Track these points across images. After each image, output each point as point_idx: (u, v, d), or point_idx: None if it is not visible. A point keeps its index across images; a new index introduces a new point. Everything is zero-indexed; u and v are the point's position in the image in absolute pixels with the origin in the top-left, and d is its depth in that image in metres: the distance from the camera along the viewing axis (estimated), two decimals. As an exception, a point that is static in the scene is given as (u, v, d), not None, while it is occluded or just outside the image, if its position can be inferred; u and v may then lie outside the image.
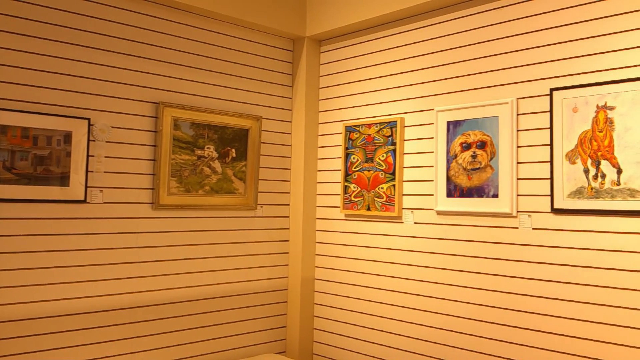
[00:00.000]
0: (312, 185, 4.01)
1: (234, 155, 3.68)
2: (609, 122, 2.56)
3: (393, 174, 3.46)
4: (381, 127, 3.55)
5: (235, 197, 3.69)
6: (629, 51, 2.53)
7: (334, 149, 3.93)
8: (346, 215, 3.81)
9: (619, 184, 2.52)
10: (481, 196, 3.03)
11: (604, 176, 2.57)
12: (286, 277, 4.01)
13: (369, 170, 3.61)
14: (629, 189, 2.49)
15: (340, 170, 3.86)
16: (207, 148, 3.54)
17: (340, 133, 3.88)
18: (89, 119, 3.05)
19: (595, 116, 2.61)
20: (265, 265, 3.89)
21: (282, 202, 4.00)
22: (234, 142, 3.68)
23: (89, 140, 3.05)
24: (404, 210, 3.44)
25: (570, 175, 2.69)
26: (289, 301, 3.99)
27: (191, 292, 3.50)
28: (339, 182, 3.87)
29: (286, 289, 4.01)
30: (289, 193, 4.05)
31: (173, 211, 3.42)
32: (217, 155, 3.59)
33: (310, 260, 3.99)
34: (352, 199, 3.71)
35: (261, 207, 3.87)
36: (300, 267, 3.93)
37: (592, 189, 2.61)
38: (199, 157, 3.50)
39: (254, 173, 3.77)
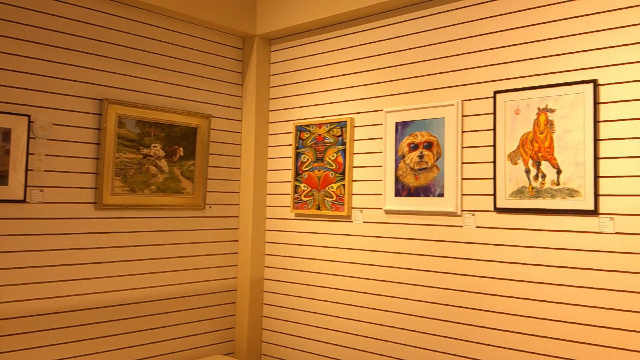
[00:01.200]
0: (262, 185, 3.98)
1: (182, 154, 3.61)
2: (550, 124, 2.66)
3: (343, 173, 3.48)
4: (331, 127, 3.56)
5: (182, 196, 3.62)
6: (569, 55, 2.64)
7: (285, 149, 3.92)
8: (296, 214, 3.80)
9: (558, 184, 2.62)
10: (428, 195, 3.09)
11: (544, 176, 2.67)
12: (235, 277, 3.97)
13: (319, 170, 3.62)
14: (568, 189, 2.59)
15: (290, 169, 3.85)
16: (154, 146, 3.46)
17: (291, 132, 3.87)
18: (29, 116, 2.92)
19: (537, 118, 2.70)
20: (213, 265, 3.84)
21: (231, 201, 3.96)
22: (182, 141, 3.61)
23: (29, 137, 2.92)
24: (353, 209, 3.47)
25: (512, 176, 2.77)
26: (238, 302, 3.95)
27: (136, 294, 3.41)
28: (289, 182, 3.86)
29: (235, 290, 3.97)
30: (238, 192, 4.01)
31: (117, 211, 3.32)
32: (164, 154, 3.51)
33: (260, 261, 3.96)
34: (303, 198, 3.71)
35: (210, 206, 3.81)
36: (250, 268, 3.89)
37: (532, 188, 2.70)
38: (145, 155, 3.42)
39: (203, 172, 3.71)
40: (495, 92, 2.84)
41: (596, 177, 2.51)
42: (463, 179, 2.98)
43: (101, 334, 3.24)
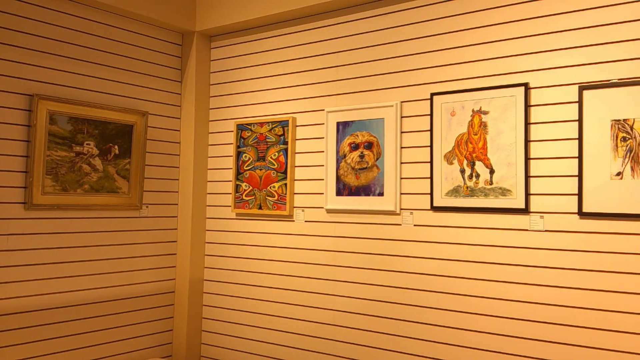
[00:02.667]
0: (202, 184, 3.92)
1: (117, 152, 3.49)
2: (483, 125, 2.76)
3: (285, 172, 3.48)
4: (273, 126, 3.55)
5: (118, 196, 3.50)
6: (502, 59, 2.75)
7: (225, 147, 3.87)
8: (237, 214, 3.76)
9: (491, 183, 2.73)
10: (368, 195, 3.14)
11: (478, 176, 2.77)
12: (173, 279, 3.89)
13: (260, 169, 3.60)
14: (500, 188, 2.70)
15: (231, 168, 3.81)
16: (87, 144, 3.33)
17: (232, 131, 3.83)
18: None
19: (471, 120, 2.80)
20: (151, 267, 3.74)
21: (169, 201, 3.87)
22: (117, 139, 3.49)
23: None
24: (295, 208, 3.47)
25: (448, 175, 2.86)
26: (176, 304, 3.87)
27: (70, 297, 3.27)
28: (230, 181, 3.81)
29: (173, 292, 3.88)
30: (177, 192, 3.92)
31: (48, 211, 3.17)
32: (97, 152, 3.39)
33: (199, 261, 3.90)
34: (244, 197, 3.68)
35: (147, 206, 3.71)
36: (189, 269, 3.82)
37: (467, 187, 2.80)
38: (78, 153, 3.28)
39: (139, 171, 3.61)
40: (432, 94, 2.92)
41: (527, 176, 2.63)
42: (402, 178, 3.05)
43: (31, 339, 3.08)
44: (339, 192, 3.26)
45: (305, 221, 3.42)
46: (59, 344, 3.22)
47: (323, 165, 3.36)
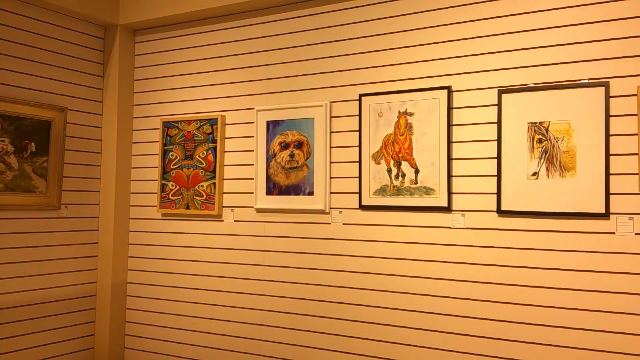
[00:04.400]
0: (125, 183, 3.78)
1: (34, 149, 3.31)
2: (409, 126, 2.86)
3: (213, 171, 3.43)
4: (201, 124, 3.49)
5: (34, 196, 3.31)
6: (427, 63, 2.85)
7: (151, 145, 3.75)
8: (163, 214, 3.66)
9: (416, 183, 2.83)
10: (298, 194, 3.16)
11: (404, 175, 2.86)
12: (95, 282, 3.73)
13: (188, 168, 3.53)
14: (425, 187, 2.80)
15: (157, 167, 3.70)
16: (1, 141, 3.12)
17: (158, 129, 3.72)
18: None
19: (397, 121, 2.89)
20: (70, 270, 3.57)
21: (90, 201, 3.70)
22: (34, 135, 3.30)
23: None
24: (224, 208, 3.43)
25: (375, 175, 2.94)
26: (98, 308, 3.71)
27: (-22, 304, 3.06)
28: (156, 180, 3.71)
29: (95, 295, 3.72)
30: (98, 192, 3.76)
31: (-45, 212, 2.96)
32: (13, 149, 3.19)
33: (122, 263, 3.76)
34: (170, 197, 3.59)
35: (66, 207, 3.54)
36: (111, 271, 3.68)
37: (394, 187, 2.88)
38: (-10, 150, 3.08)
39: (57, 169, 3.43)
40: (361, 95, 2.99)
41: (449, 176, 2.75)
42: (331, 177, 3.09)
43: None
44: (269, 192, 3.25)
45: (235, 221, 3.39)
46: (-33, 354, 3.01)
47: (253, 165, 3.35)
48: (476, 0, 2.73)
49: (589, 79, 2.46)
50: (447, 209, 2.75)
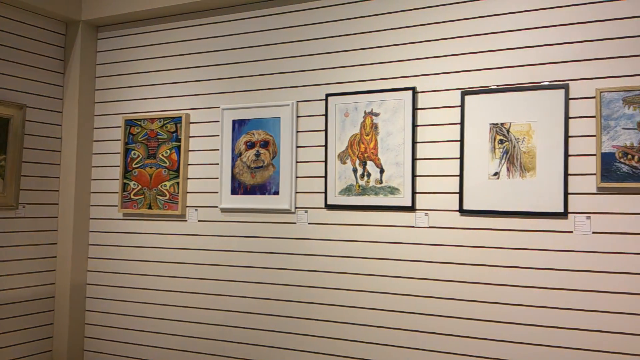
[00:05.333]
0: (85, 183, 3.69)
1: (-11, 146, 3.20)
2: (375, 127, 2.87)
3: (177, 171, 3.38)
4: (165, 122, 3.43)
5: (-10, 194, 3.21)
6: (392, 64, 2.88)
7: (112, 144, 3.68)
8: (125, 214, 3.59)
9: (381, 182, 2.84)
10: (264, 193, 3.14)
11: (369, 175, 2.88)
12: (53, 283, 3.62)
13: (151, 167, 3.46)
14: (389, 187, 2.82)
15: (119, 166, 3.63)
16: (-47, 136, 3.02)
17: (120, 127, 3.65)
18: None
19: (363, 121, 2.90)
20: (28, 271, 3.46)
21: (49, 200, 3.60)
22: (-10, 132, 3.20)
23: None
24: (188, 208, 3.38)
25: (341, 174, 2.94)
26: (57, 310, 3.61)
27: None
28: (118, 179, 3.63)
29: (53, 297, 3.62)
30: (57, 191, 3.66)
31: None
32: (-34, 146, 3.08)
33: (82, 264, 3.67)
34: (132, 197, 3.51)
35: (23, 206, 3.43)
36: (70, 272, 3.58)
37: (359, 186, 2.90)
38: (-58, 147, 2.96)
39: (15, 168, 3.32)
40: (327, 95, 2.99)
41: (414, 176, 2.78)
42: (297, 177, 3.08)
43: None
44: (234, 191, 3.22)
45: (199, 221, 3.34)
46: None
47: (218, 164, 3.31)
48: (441, 3, 2.76)
49: (550, 82, 2.52)
50: (412, 209, 2.77)
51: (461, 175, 2.65)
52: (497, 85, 2.62)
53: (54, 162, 3.64)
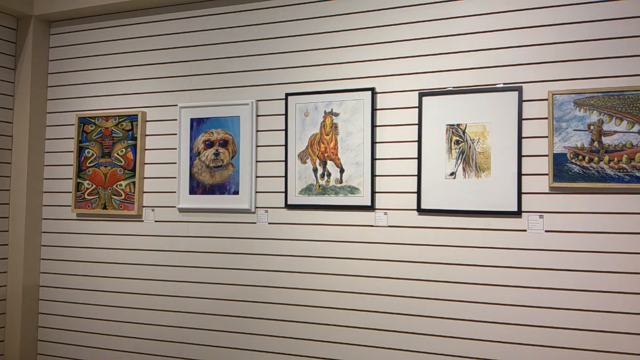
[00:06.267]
0: (37, 182, 3.57)
1: None
2: (335, 126, 2.88)
3: (133, 170, 3.31)
4: (120, 120, 3.35)
5: None
6: (352, 64, 2.89)
7: (66, 142, 3.57)
8: (79, 214, 3.49)
9: (341, 182, 2.85)
10: (223, 193, 3.10)
11: (329, 175, 2.88)
12: (5, 285, 3.50)
13: (105, 166, 3.38)
14: (349, 186, 2.83)
15: (72, 165, 3.52)
16: None
17: (73, 125, 3.54)
18: None
19: (323, 121, 2.90)
20: (-25, 274, 3.33)
21: (-1, 200, 3.48)
22: None
23: None
24: (144, 208, 3.32)
25: (302, 174, 2.94)
26: (8, 312, 3.49)
27: None
28: (71, 179, 3.53)
29: (4, 299, 3.49)
30: (8, 190, 3.53)
31: None
32: None
33: (34, 266, 3.55)
34: (86, 197, 3.42)
35: (-29, 206, 3.30)
36: (22, 274, 3.46)
37: (319, 186, 2.90)
38: None
39: (-39, 166, 3.19)
40: (287, 94, 2.98)
41: (373, 175, 2.80)
42: (257, 176, 3.06)
43: None
44: (192, 191, 3.17)
45: (156, 221, 3.28)
46: None
47: (175, 163, 3.25)
48: (400, 5, 2.79)
49: (504, 84, 2.57)
50: (371, 208, 2.79)
51: (419, 175, 2.69)
52: (454, 87, 2.66)
53: (4, 161, 3.51)
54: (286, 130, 2.98)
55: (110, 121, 3.38)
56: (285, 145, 2.98)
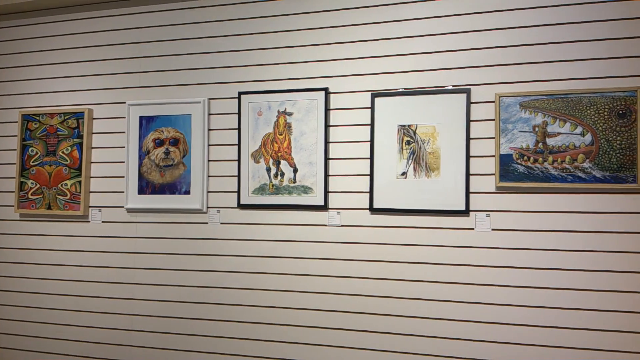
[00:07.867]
0: (-23, 181, 3.41)
1: None
2: (288, 126, 2.87)
3: (79, 169, 3.20)
4: (66, 117, 3.24)
5: None
6: (306, 64, 2.89)
7: (8, 140, 3.42)
8: (22, 215, 3.35)
9: (295, 182, 2.85)
10: (174, 193, 3.05)
11: (283, 174, 2.87)
12: (-62, 291, 3.33)
13: (50, 165, 3.26)
14: (303, 186, 2.83)
15: (15, 164, 3.38)
16: None
17: (16, 122, 3.40)
18: None
19: (277, 120, 2.89)
20: None
21: None
22: None
23: None
24: (91, 208, 3.22)
25: (255, 173, 2.92)
26: (-58, 320, 3.32)
27: None
28: (14, 178, 3.38)
29: (-62, 307, 3.32)
30: (-56, 190, 3.36)
31: None
32: None
33: (-27, 270, 3.39)
34: (30, 196, 3.29)
35: None
36: (-41, 279, 3.31)
37: (273, 186, 2.88)
38: None
39: None
40: (240, 93, 2.95)
41: (326, 175, 2.80)
42: (209, 176, 3.02)
43: None
44: (141, 191, 3.10)
45: (103, 222, 3.19)
46: None
47: (124, 162, 3.17)
48: (352, 6, 2.81)
49: (453, 86, 2.63)
50: (324, 207, 2.80)
51: (371, 175, 2.71)
52: (405, 89, 2.70)
53: (-61, 159, 3.34)
54: (239, 129, 2.95)
55: (55, 118, 3.26)
56: (238, 145, 2.95)
